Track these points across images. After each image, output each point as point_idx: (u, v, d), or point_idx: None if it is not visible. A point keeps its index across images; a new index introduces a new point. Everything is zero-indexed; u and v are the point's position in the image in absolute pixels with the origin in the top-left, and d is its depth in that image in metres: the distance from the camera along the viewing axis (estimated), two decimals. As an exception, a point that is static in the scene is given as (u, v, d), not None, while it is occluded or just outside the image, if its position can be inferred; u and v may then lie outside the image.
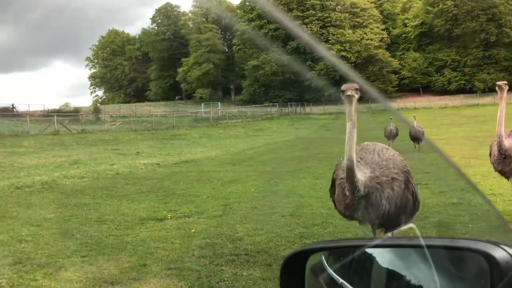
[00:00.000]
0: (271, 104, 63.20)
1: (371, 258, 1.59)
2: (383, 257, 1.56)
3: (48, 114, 47.07)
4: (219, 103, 67.09)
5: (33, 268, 5.43)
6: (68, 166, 18.04)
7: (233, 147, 26.65)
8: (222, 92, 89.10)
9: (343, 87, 3.86)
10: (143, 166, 17.19)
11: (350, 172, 3.88)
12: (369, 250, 1.59)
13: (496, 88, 6.34)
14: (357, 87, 3.83)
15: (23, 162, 19.50)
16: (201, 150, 25.12)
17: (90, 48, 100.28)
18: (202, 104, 65.86)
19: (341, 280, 1.59)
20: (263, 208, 8.84)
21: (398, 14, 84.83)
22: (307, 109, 63.51)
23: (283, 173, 14.15)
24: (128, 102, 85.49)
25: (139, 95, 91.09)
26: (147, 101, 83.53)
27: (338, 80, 69.23)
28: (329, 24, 76.26)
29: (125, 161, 19.07)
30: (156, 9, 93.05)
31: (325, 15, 76.59)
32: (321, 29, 75.40)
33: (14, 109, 56.59)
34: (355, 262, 1.61)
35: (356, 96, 3.85)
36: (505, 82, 6.32)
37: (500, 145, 6.38)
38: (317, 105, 64.30)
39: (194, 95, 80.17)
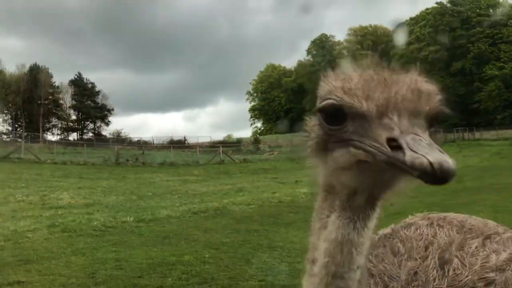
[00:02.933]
0: (434, 130, 59.15)
1: None
2: None
3: (214, 145, 51.62)
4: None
5: (217, 288, 5.85)
6: (235, 193, 19.35)
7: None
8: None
9: None
10: (303, 195, 17.50)
11: None
12: None
13: None
14: None
15: (196, 189, 21.55)
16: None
17: (250, 83, 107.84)
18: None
19: None
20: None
21: None
22: (477, 134, 57.60)
23: (454, 205, 12.93)
24: (285, 133, 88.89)
25: (294, 126, 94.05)
26: (303, 131, 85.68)
27: (514, 101, 61.89)
28: (500, 40, 69.00)
29: (285, 190, 19.68)
30: (311, 41, 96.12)
31: (495, 31, 69.60)
32: (490, 47, 68.62)
33: (186, 142, 63.55)
34: None
35: None
36: None
37: None
38: (488, 129, 57.91)
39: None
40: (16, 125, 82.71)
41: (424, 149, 0.80)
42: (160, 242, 9.65)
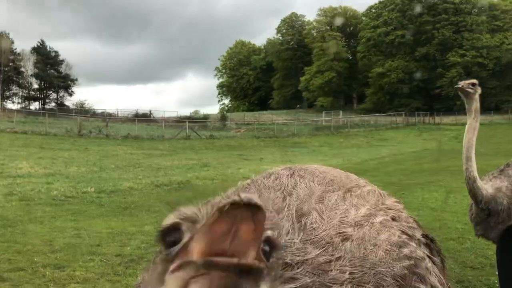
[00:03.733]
0: (396, 113, 60.58)
1: None
2: None
3: (180, 120, 51.10)
4: (341, 112, 66.26)
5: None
6: (199, 168, 19.37)
7: (355, 157, 26.10)
8: (344, 100, 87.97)
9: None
10: (267, 171, 17.72)
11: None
12: None
13: (458, 92, 3.94)
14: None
15: (160, 163, 21.41)
16: (322, 158, 25.04)
17: (218, 59, 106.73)
18: (323, 112, 65.72)
19: None
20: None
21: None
22: (437, 119, 59.45)
23: (411, 185, 13.47)
24: (252, 110, 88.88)
25: (262, 104, 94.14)
26: (269, 109, 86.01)
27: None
28: (464, 28, 70.79)
29: (250, 166, 19.84)
30: (281, 19, 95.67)
31: (459, 19, 71.29)
32: (454, 34, 70.34)
33: (151, 116, 62.60)
34: None
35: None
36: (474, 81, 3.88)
37: (474, 194, 3.73)
38: (448, 115, 59.85)
39: (316, 103, 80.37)
40: (-27, 92, 79.09)
41: None
42: (121, 213, 9.63)
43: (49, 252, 6.37)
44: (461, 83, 3.88)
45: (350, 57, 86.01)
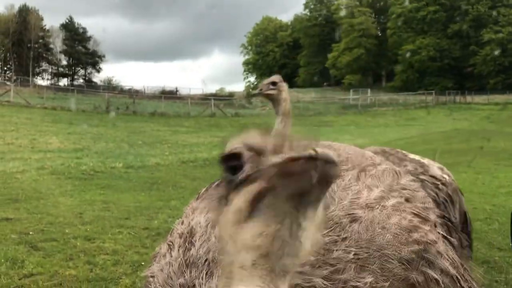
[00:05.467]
0: (426, 92, 59.09)
1: None
2: None
3: (206, 98, 51.31)
4: (369, 90, 65.07)
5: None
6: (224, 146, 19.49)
7: (382, 136, 25.75)
8: (372, 78, 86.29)
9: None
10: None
11: None
12: None
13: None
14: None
15: (186, 140, 21.66)
16: (348, 137, 24.79)
17: (244, 36, 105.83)
18: (351, 90, 64.67)
19: None
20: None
21: None
22: (468, 98, 57.74)
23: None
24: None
25: (289, 81, 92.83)
26: (296, 87, 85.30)
27: (508, 66, 61.68)
28: (500, 4, 67.89)
29: (275, 144, 19.86)
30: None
31: (496, -7, 68.39)
32: (489, 10, 67.59)
33: (178, 93, 63.09)
34: None
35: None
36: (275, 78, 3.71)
37: None
38: (480, 94, 58.03)
39: (343, 81, 79.15)
40: (5, 68, 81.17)
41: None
42: (148, 188, 9.83)
43: (80, 224, 6.58)
44: (260, 86, 3.43)
45: (380, 34, 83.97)
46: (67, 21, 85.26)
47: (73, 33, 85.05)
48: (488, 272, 5.18)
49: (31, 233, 6.04)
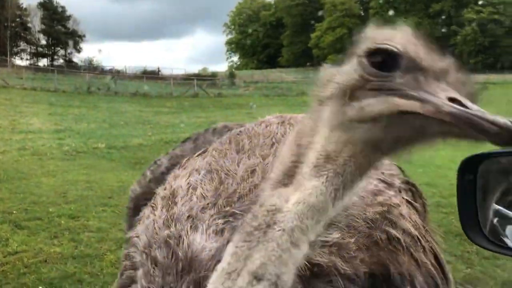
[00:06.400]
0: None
1: None
2: None
3: (188, 78, 50.88)
4: (352, 70, 65.02)
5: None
6: (208, 126, 19.43)
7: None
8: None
9: None
10: (275, 129, 17.79)
11: None
12: None
13: None
14: None
15: (168, 121, 21.56)
16: (332, 116, 25.03)
17: (227, 15, 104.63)
18: (334, 70, 64.79)
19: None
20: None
21: None
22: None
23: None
24: (261, 68, 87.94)
25: (272, 61, 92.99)
26: (279, 67, 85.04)
27: (487, 46, 62.37)
28: (481, -17, 68.38)
29: (258, 124, 19.93)
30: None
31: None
32: (470, -11, 68.05)
33: (160, 73, 62.40)
34: None
35: None
36: None
37: None
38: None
39: (326, 61, 79.11)
40: (-19, 48, 78.92)
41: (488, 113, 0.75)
42: (131, 168, 9.86)
43: (63, 203, 6.62)
44: None
45: (363, 14, 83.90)
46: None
47: (52, 12, 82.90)
48: (461, 244, 5.43)
49: (14, 212, 6.07)
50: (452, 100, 0.77)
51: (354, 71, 0.87)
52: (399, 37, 0.87)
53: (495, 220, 1.66)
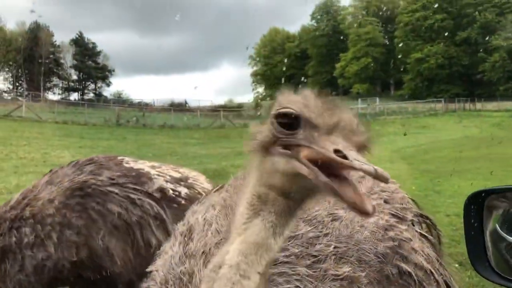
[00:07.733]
0: (435, 99, 58.84)
1: None
2: None
3: (215, 109, 51.65)
4: (377, 99, 64.97)
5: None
6: (234, 157, 19.58)
7: (392, 145, 25.66)
8: (380, 87, 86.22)
9: None
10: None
11: None
12: None
13: None
14: None
15: (195, 152, 21.82)
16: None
17: (252, 47, 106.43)
18: (359, 99, 64.64)
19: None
20: (425, 206, 8.42)
21: None
22: (478, 105, 57.36)
23: (448, 172, 13.22)
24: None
25: (297, 92, 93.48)
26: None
27: (517, 72, 61.24)
28: (508, 10, 67.66)
29: (284, 154, 19.92)
30: (316, 6, 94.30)
31: (503, 0, 68.13)
32: (497, 17, 67.37)
33: (187, 105, 63.62)
34: None
35: None
36: None
37: None
38: (490, 100, 57.59)
39: (351, 90, 79.16)
40: (17, 84, 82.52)
41: (364, 162, 0.90)
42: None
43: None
44: None
45: (387, 43, 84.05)
46: (77, 36, 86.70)
47: (83, 48, 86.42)
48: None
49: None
50: (336, 151, 0.93)
51: (268, 130, 1.04)
52: (298, 100, 1.04)
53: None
